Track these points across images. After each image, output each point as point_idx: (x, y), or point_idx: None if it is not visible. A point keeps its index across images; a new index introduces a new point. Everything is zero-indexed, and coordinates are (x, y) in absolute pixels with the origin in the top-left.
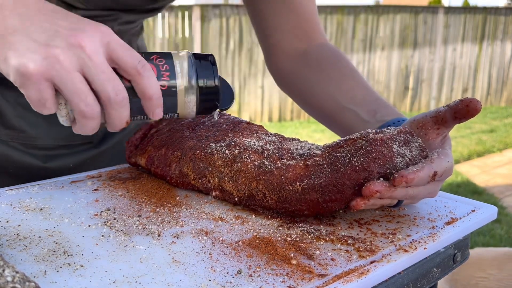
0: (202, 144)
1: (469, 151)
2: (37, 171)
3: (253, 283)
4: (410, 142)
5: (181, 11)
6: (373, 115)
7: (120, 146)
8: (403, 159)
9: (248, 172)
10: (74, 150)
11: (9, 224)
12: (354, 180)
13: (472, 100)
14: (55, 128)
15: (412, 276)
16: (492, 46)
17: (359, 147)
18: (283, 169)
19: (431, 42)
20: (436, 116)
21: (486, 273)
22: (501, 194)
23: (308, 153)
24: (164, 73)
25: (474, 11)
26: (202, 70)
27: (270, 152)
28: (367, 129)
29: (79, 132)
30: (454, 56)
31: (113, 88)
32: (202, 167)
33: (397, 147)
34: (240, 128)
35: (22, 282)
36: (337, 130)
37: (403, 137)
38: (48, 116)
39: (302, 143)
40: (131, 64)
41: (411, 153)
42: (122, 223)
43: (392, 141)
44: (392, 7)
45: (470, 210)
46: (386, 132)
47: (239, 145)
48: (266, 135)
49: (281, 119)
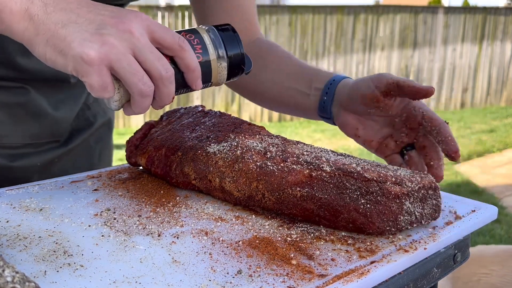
0: (203, 144)
1: (469, 151)
2: (3, 170)
3: (253, 283)
4: (428, 200)
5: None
6: (309, 86)
7: (87, 144)
8: (408, 218)
9: (249, 172)
10: (40, 148)
11: (9, 224)
12: (352, 218)
13: (429, 88)
14: (21, 126)
15: (412, 276)
16: (492, 46)
17: (370, 191)
18: (286, 172)
19: (431, 42)
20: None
21: (488, 269)
22: (501, 194)
23: (317, 163)
24: (196, 47)
25: (474, 11)
26: (227, 39)
27: (273, 154)
28: (314, 111)
29: (133, 113)
30: (454, 56)
31: (162, 66)
32: (203, 167)
33: (409, 203)
34: (242, 129)
35: (22, 282)
36: (287, 110)
37: (422, 193)
38: (14, 113)
39: (308, 147)
40: (173, 41)
41: (423, 210)
42: (122, 223)
43: (407, 197)
44: (392, 7)
45: (470, 210)
46: (406, 184)
47: (242, 146)
48: (268, 136)
49: (281, 119)
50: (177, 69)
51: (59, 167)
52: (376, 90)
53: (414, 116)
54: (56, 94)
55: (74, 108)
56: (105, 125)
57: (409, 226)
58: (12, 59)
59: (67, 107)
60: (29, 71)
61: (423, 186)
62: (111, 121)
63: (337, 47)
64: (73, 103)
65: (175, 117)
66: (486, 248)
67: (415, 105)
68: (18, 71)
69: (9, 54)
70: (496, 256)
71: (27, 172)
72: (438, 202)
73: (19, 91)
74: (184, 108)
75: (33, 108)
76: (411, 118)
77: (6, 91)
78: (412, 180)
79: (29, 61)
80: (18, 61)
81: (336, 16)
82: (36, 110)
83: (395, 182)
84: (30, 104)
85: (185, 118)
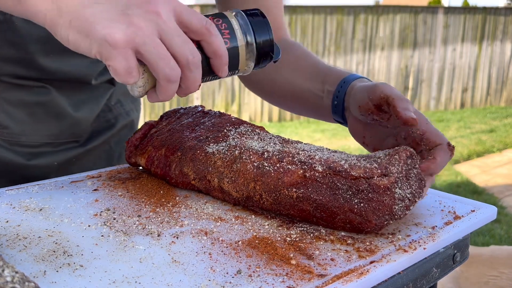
0: (203, 144)
1: (469, 151)
2: (20, 169)
3: (253, 283)
4: (411, 173)
5: None
6: (322, 88)
7: (107, 145)
8: (402, 203)
9: (247, 172)
10: (59, 148)
11: (9, 224)
12: (349, 219)
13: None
14: (41, 125)
15: (412, 276)
16: (491, 46)
17: (360, 190)
18: (281, 173)
19: (430, 42)
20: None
21: (498, 271)
22: (500, 194)
23: (310, 163)
24: (224, 32)
25: (474, 11)
26: (257, 25)
27: (270, 154)
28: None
29: (157, 99)
30: (454, 56)
31: (189, 50)
32: (202, 168)
33: (399, 189)
34: (241, 130)
35: (22, 282)
36: (304, 112)
37: (405, 169)
38: (34, 112)
39: (306, 146)
40: (200, 24)
41: (411, 189)
42: (122, 223)
43: (396, 184)
44: (392, 7)
45: (470, 210)
46: (391, 170)
47: (240, 146)
48: (268, 137)
49: (281, 119)
50: (203, 55)
51: (77, 167)
52: (370, 102)
53: (411, 137)
54: (77, 94)
55: (95, 109)
56: (127, 126)
57: (406, 211)
58: (34, 59)
59: (88, 108)
60: (50, 71)
61: (404, 162)
62: (133, 123)
63: (337, 47)
64: (94, 104)
65: (174, 117)
66: (499, 249)
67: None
68: (39, 71)
69: (31, 54)
70: (508, 258)
71: (44, 171)
72: (418, 170)
73: (40, 91)
74: (184, 108)
75: (54, 108)
76: (409, 138)
77: (27, 90)
78: (394, 163)
79: (51, 61)
80: (39, 61)
81: (336, 16)
82: (56, 110)
83: (381, 174)
84: (51, 104)
85: (184, 118)
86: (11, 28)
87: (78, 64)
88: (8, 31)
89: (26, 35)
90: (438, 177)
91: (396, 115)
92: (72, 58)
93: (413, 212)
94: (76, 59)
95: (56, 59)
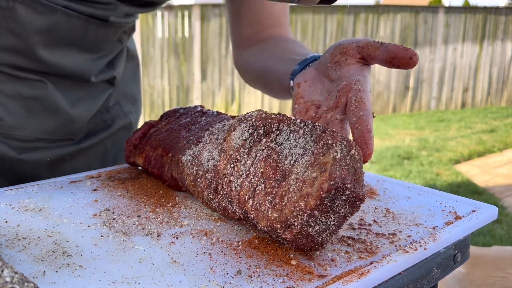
0: (186, 148)
1: (470, 151)
2: (11, 162)
3: (253, 283)
4: (335, 201)
5: (180, 10)
6: (285, 63)
7: (103, 146)
8: (326, 232)
9: (203, 196)
10: (53, 144)
11: (8, 224)
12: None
13: (415, 54)
14: (35, 120)
15: (412, 277)
16: (492, 46)
17: (277, 236)
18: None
19: (431, 42)
20: (364, 49)
21: (505, 272)
22: (501, 194)
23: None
24: None
25: (475, 11)
26: None
27: (207, 180)
28: None
29: None
30: (455, 56)
31: None
32: (181, 175)
33: (314, 227)
34: (215, 128)
35: (21, 282)
36: (266, 90)
37: (320, 209)
38: (29, 106)
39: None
40: None
41: (337, 214)
42: (121, 223)
43: (304, 229)
44: (393, 6)
45: (471, 210)
46: (293, 222)
47: (199, 160)
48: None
49: None
50: None
51: (70, 166)
52: (355, 45)
53: (350, 89)
54: (75, 91)
55: (92, 108)
56: (124, 128)
57: (337, 231)
58: (33, 50)
59: (85, 106)
60: (49, 64)
61: (320, 202)
62: (132, 125)
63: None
64: (91, 102)
65: (174, 117)
66: (503, 249)
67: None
68: (37, 63)
69: (31, 44)
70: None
71: (35, 167)
72: (350, 190)
73: (36, 85)
74: (184, 108)
75: (49, 103)
76: (346, 88)
77: (23, 83)
78: (298, 211)
79: (50, 54)
80: (39, 52)
81: (336, 16)
82: (52, 106)
83: (283, 228)
84: (47, 99)
85: (183, 118)
86: (13, 16)
87: (78, 60)
88: (10, 19)
89: (28, 25)
90: (439, 177)
91: (404, 53)
92: (72, 53)
93: (413, 212)
94: (76, 54)
95: (55, 52)
